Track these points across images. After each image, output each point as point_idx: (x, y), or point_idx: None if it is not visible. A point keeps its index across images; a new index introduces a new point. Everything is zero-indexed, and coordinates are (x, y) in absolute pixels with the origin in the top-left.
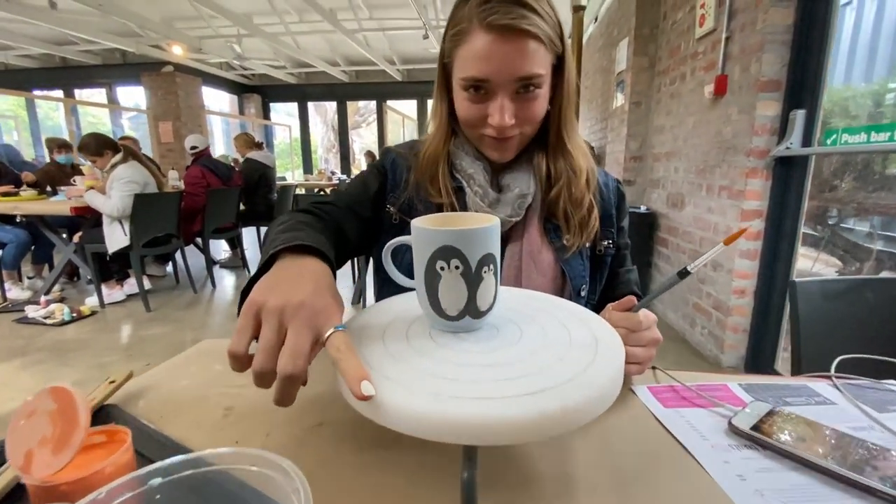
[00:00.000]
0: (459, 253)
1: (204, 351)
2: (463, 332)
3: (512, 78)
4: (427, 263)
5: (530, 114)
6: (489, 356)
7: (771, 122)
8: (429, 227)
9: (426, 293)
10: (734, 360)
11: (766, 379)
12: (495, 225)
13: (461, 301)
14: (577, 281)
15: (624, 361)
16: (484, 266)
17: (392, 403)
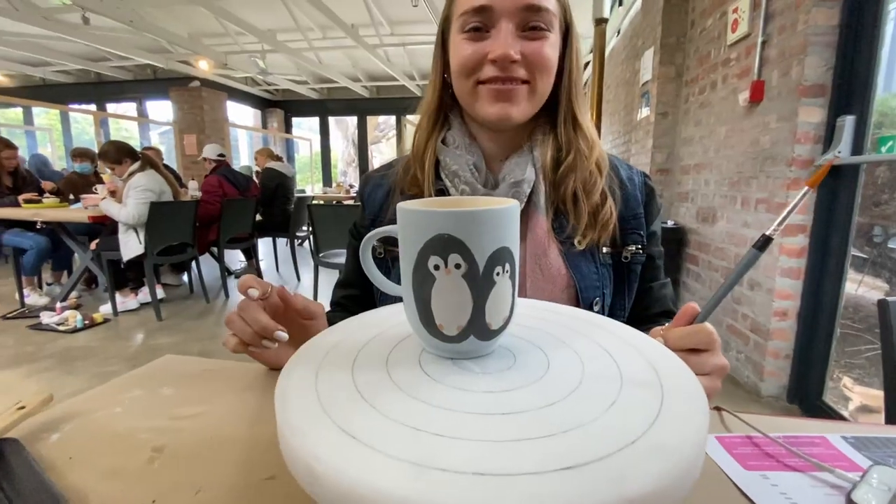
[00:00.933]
0: (462, 245)
1: (158, 369)
2: (466, 358)
3: (518, 4)
4: (416, 261)
5: (538, 57)
6: (502, 399)
7: (815, 129)
8: (418, 209)
9: (415, 303)
10: (775, 389)
11: (877, 430)
12: (513, 207)
13: (463, 315)
14: (589, 292)
15: (707, 408)
16: (497, 265)
17: (348, 477)
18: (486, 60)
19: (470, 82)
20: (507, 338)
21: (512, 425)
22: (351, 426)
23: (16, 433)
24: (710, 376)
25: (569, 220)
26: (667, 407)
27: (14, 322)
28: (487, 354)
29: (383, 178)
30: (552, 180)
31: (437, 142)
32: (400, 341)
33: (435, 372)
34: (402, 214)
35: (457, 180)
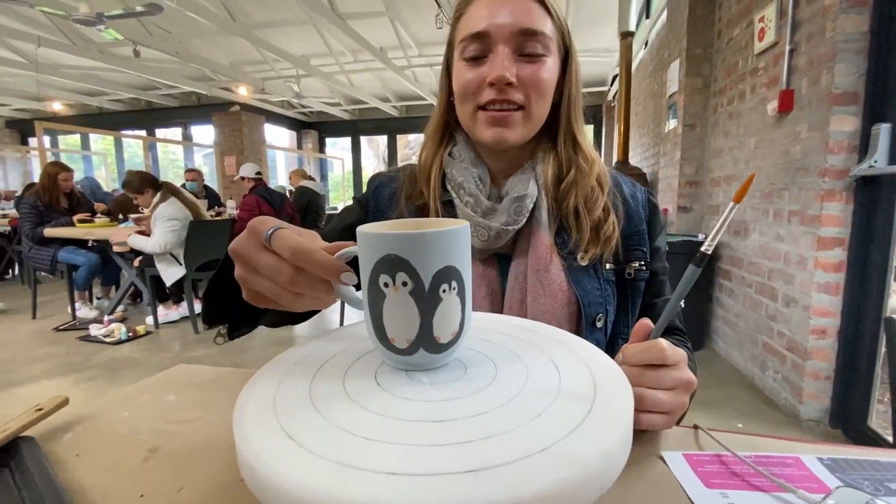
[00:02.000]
0: (407, 264)
1: (168, 377)
2: (419, 370)
3: (514, 29)
4: (370, 278)
5: (534, 81)
6: (438, 407)
7: (848, 138)
8: (370, 232)
9: (370, 317)
10: (816, 413)
11: (857, 451)
12: (460, 230)
13: (412, 329)
14: (592, 308)
15: (630, 424)
16: (443, 283)
17: (277, 473)
18: (484, 84)
19: (470, 107)
20: (464, 351)
21: (438, 432)
22: (292, 429)
23: (33, 432)
24: (675, 391)
25: (571, 235)
26: (590, 420)
27: (66, 333)
28: (441, 366)
29: (392, 180)
30: (554, 196)
31: (444, 155)
32: (363, 355)
33: (386, 382)
34: (359, 237)
35: (462, 192)
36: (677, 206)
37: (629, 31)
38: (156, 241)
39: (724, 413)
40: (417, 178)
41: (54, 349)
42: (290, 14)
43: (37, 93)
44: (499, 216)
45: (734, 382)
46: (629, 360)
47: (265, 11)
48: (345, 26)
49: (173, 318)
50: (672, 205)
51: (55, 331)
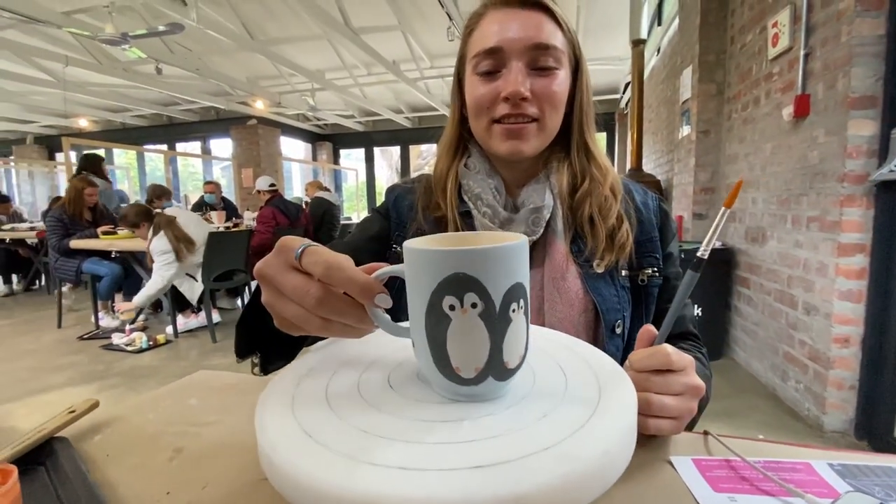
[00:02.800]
0: (478, 284)
1: (190, 382)
2: (481, 400)
3: (527, 44)
4: (430, 302)
5: (547, 94)
6: (449, 409)
7: (867, 142)
8: (430, 248)
9: (429, 346)
10: (840, 424)
11: (871, 458)
12: (523, 243)
13: (482, 356)
14: (611, 314)
15: (634, 426)
16: (512, 302)
17: (294, 466)
18: (499, 99)
19: (485, 121)
20: None
21: (447, 431)
22: (310, 427)
23: (66, 433)
24: (682, 396)
25: (587, 243)
26: (593, 422)
27: (89, 342)
28: (504, 395)
29: (409, 190)
30: (569, 205)
31: (460, 166)
32: (377, 359)
33: (399, 385)
34: (411, 255)
35: (479, 203)
36: (692, 212)
37: (641, 39)
38: (155, 281)
39: (744, 424)
40: (433, 190)
41: (78, 358)
42: (305, 30)
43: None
44: (517, 227)
45: (755, 392)
46: (635, 366)
47: (281, 28)
48: (358, 40)
49: (192, 327)
50: (687, 212)
51: (79, 339)
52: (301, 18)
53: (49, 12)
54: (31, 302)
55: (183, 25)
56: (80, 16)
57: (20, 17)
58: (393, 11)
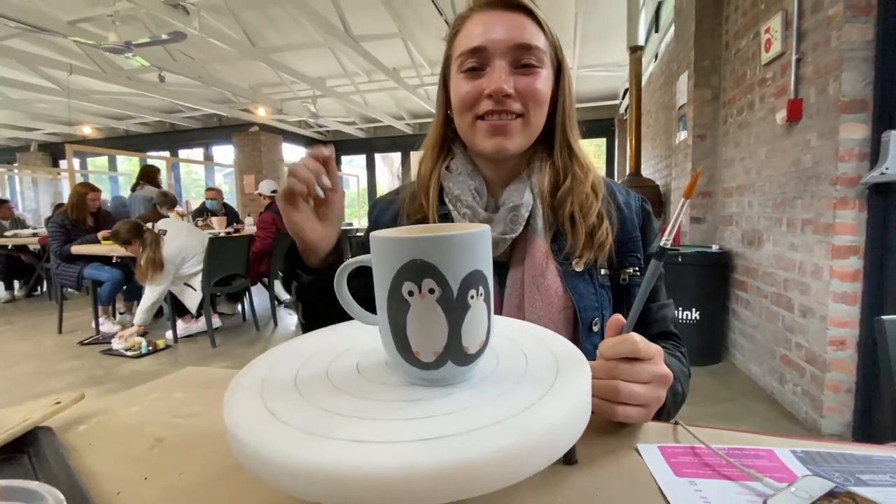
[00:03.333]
0: (435, 270)
1: (178, 377)
2: (443, 384)
3: (510, 44)
4: (390, 287)
5: (530, 91)
6: (411, 390)
7: (859, 145)
8: (390, 236)
9: (391, 331)
10: (838, 427)
11: (835, 446)
12: (484, 231)
13: (440, 340)
14: (588, 313)
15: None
16: (470, 289)
17: (255, 440)
18: (483, 96)
19: (469, 117)
20: None
21: (405, 410)
22: (274, 406)
23: (52, 423)
24: (650, 385)
25: (567, 240)
26: (545, 400)
27: (90, 347)
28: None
29: (391, 202)
30: (550, 204)
31: (442, 169)
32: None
33: (367, 371)
34: (375, 243)
35: (459, 204)
36: (690, 216)
37: (638, 46)
38: (147, 296)
39: (740, 426)
40: (417, 192)
41: (78, 363)
42: (305, 37)
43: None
44: (495, 226)
45: (753, 395)
46: (604, 354)
47: (282, 35)
48: (359, 48)
49: (192, 332)
50: (685, 216)
51: (80, 345)
52: (302, 26)
53: (54, 21)
54: (32, 308)
55: (185, 34)
56: (85, 25)
57: (26, 27)
58: (392, 19)
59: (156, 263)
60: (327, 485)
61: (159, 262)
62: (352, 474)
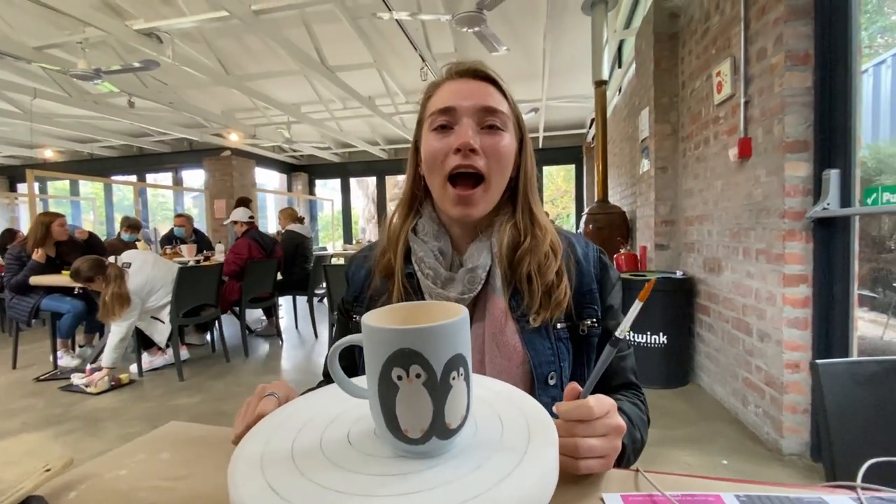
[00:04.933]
0: (421, 357)
1: (161, 435)
2: (430, 457)
3: (477, 106)
4: (381, 372)
5: (494, 149)
6: (397, 463)
7: (803, 182)
8: (380, 326)
9: (381, 410)
10: (797, 447)
11: (773, 489)
12: (463, 318)
13: (425, 419)
14: (543, 367)
15: (553, 471)
16: (452, 371)
17: None
18: (451, 151)
19: (439, 177)
20: None
21: (395, 485)
22: (277, 484)
23: (42, 491)
24: (607, 437)
25: (524, 298)
26: (518, 471)
27: (46, 384)
28: (448, 451)
29: (365, 259)
30: (509, 262)
31: (409, 231)
32: (337, 417)
33: (357, 441)
34: (367, 330)
35: (423, 265)
36: (655, 244)
37: (603, 80)
38: (114, 332)
39: (709, 449)
40: (386, 249)
41: (33, 401)
42: (281, 65)
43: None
44: (455, 286)
45: (719, 418)
46: (563, 416)
47: (257, 63)
48: (334, 77)
49: (158, 365)
50: (650, 243)
51: (36, 381)
52: (278, 56)
53: (20, 47)
54: None
55: (158, 62)
56: (53, 51)
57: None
58: (368, 50)
59: (122, 298)
60: None
61: (125, 297)
62: None
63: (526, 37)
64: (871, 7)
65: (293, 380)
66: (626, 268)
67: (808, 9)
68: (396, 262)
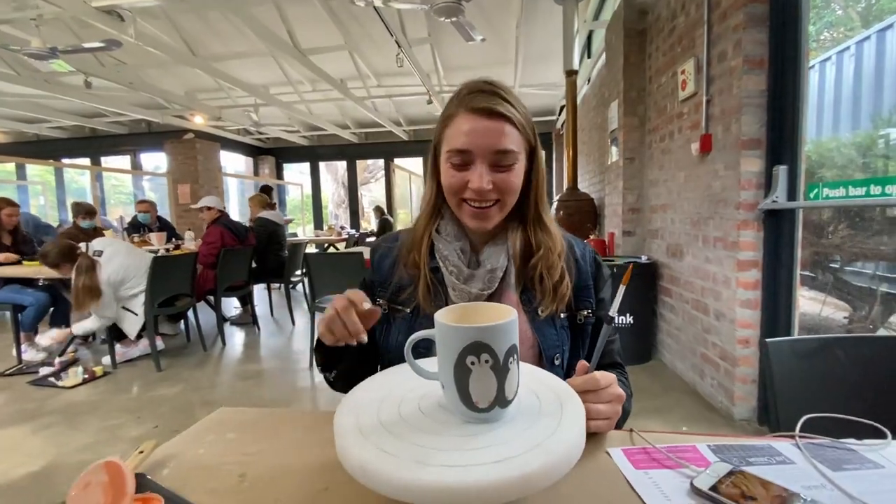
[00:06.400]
0: (489, 347)
1: (218, 420)
2: (492, 421)
3: (489, 150)
4: (457, 359)
5: (506, 184)
6: (468, 426)
7: (756, 177)
8: (457, 325)
9: (455, 388)
10: (746, 412)
11: (733, 439)
12: (515, 318)
13: (491, 393)
14: (551, 350)
15: (584, 429)
16: (510, 357)
17: (382, 471)
18: (466, 187)
19: (455, 199)
20: None
21: (474, 440)
22: (384, 445)
23: (140, 470)
24: (610, 403)
25: (535, 295)
26: (561, 428)
27: (12, 379)
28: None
29: (390, 249)
30: (522, 265)
31: (433, 230)
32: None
33: (429, 412)
34: (445, 329)
35: (447, 262)
36: (623, 230)
37: (574, 70)
38: (94, 319)
39: (671, 418)
40: (412, 245)
41: (3, 396)
42: (248, 45)
43: None
44: (476, 283)
45: (679, 390)
46: (576, 388)
47: (223, 43)
48: (305, 60)
49: (132, 356)
50: (618, 229)
51: (1, 376)
52: (246, 36)
53: None
54: None
55: (120, 42)
56: (3, 27)
57: None
58: (339, 31)
59: (92, 291)
60: (436, 496)
61: (96, 290)
62: (452, 488)
63: (500, 25)
64: (820, 2)
65: (274, 367)
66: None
67: (765, 17)
68: (422, 259)
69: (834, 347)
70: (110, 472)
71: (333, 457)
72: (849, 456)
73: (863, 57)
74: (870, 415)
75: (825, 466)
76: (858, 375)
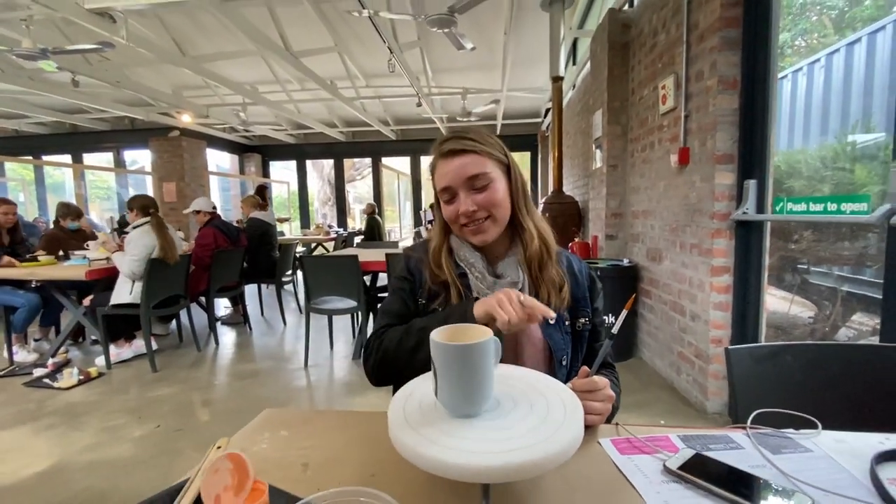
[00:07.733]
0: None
1: (268, 419)
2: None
3: (463, 178)
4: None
5: (488, 200)
6: (494, 423)
7: (729, 189)
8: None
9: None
10: (719, 406)
11: (698, 430)
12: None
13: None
14: (559, 352)
15: (582, 425)
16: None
17: (436, 457)
18: (458, 215)
19: (456, 226)
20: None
21: (495, 433)
22: (431, 437)
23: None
24: (603, 403)
25: (543, 301)
26: (564, 427)
27: (5, 381)
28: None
29: (420, 261)
30: (530, 276)
31: (448, 243)
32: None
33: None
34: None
35: (473, 269)
36: (605, 234)
37: (559, 76)
38: (128, 265)
39: (650, 412)
40: (431, 261)
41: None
42: (236, 45)
43: None
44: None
45: (658, 386)
46: (578, 389)
47: (211, 43)
48: (294, 60)
49: (126, 357)
50: (601, 233)
51: None
52: (236, 36)
53: None
54: None
55: (113, 44)
56: None
57: None
58: (329, 33)
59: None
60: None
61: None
62: (492, 468)
63: (488, 31)
64: (794, 10)
65: (269, 366)
66: (580, 256)
67: (738, 41)
68: (447, 272)
69: (784, 354)
70: (233, 460)
71: (374, 448)
72: (786, 443)
73: (832, 69)
74: (808, 409)
75: (767, 451)
76: (802, 376)
